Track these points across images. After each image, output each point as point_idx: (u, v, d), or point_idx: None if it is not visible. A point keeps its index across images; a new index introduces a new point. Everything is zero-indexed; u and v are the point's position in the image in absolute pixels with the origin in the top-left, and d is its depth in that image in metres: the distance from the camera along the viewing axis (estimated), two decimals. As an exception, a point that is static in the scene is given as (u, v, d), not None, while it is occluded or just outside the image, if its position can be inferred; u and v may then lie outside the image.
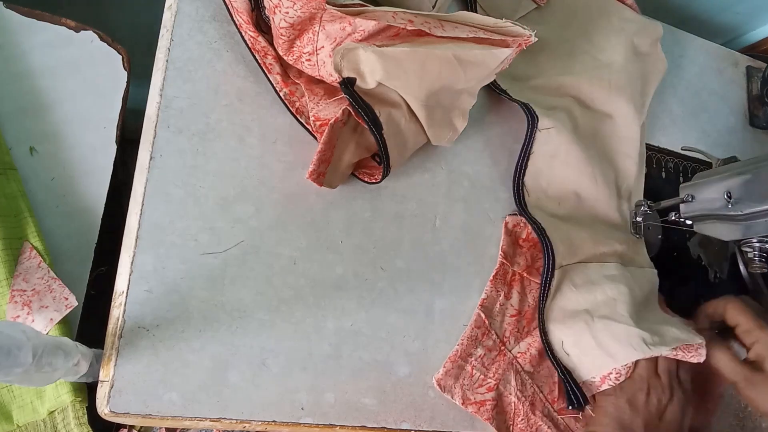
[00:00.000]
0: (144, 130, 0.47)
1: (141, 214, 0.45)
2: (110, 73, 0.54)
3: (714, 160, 0.60)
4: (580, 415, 0.52)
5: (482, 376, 0.50)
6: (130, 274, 0.43)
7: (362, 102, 0.45)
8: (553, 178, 0.58)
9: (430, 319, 0.51)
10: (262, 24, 0.50)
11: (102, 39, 0.54)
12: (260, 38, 0.49)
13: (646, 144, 0.67)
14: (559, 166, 0.57)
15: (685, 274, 0.65)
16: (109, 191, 0.51)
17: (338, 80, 0.45)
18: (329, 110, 0.48)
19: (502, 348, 0.51)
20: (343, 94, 0.45)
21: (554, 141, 0.57)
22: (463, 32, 0.45)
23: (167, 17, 0.49)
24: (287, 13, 0.43)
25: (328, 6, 0.42)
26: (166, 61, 0.48)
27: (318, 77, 0.49)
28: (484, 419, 0.49)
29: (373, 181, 0.51)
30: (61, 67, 0.53)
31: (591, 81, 0.61)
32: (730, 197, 0.51)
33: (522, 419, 0.50)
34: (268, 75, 0.50)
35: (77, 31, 0.54)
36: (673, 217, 0.58)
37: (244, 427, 0.44)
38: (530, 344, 0.52)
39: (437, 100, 0.48)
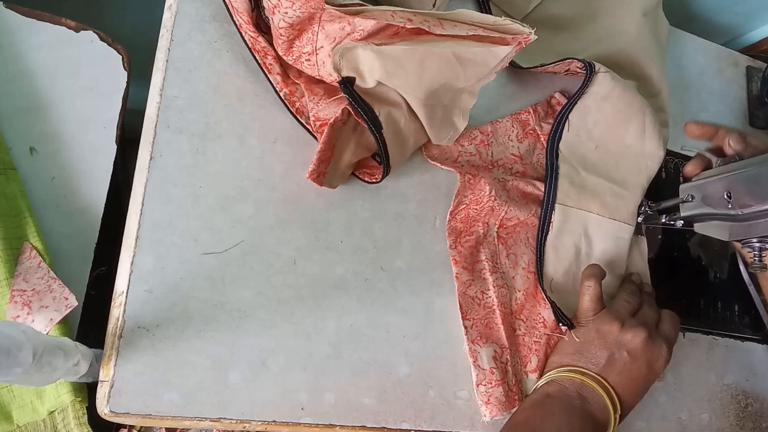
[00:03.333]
0: (144, 130, 0.47)
1: (141, 214, 0.45)
2: (110, 73, 0.54)
3: (714, 160, 0.60)
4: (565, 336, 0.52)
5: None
6: (130, 274, 0.43)
7: (361, 101, 0.45)
8: (600, 119, 0.57)
9: (430, 319, 0.51)
10: (262, 24, 0.50)
11: (102, 39, 0.54)
12: (260, 38, 0.49)
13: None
14: (609, 109, 0.57)
15: (685, 274, 0.65)
16: (109, 191, 0.51)
17: (337, 80, 0.45)
18: (329, 110, 0.48)
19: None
20: (343, 94, 0.45)
21: (608, 84, 0.56)
22: (463, 30, 0.45)
23: (167, 17, 0.49)
24: (286, 13, 0.43)
25: (327, 6, 0.42)
26: (166, 61, 0.48)
27: (318, 77, 0.49)
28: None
29: (374, 180, 0.51)
30: (61, 67, 0.53)
31: (618, 49, 0.61)
32: (730, 197, 0.51)
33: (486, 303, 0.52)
34: (268, 75, 0.50)
35: (77, 31, 0.54)
36: (672, 218, 0.58)
37: (244, 427, 0.44)
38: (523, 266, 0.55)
39: (437, 99, 0.48)
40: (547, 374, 0.50)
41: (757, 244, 0.52)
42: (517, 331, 0.52)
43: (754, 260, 0.53)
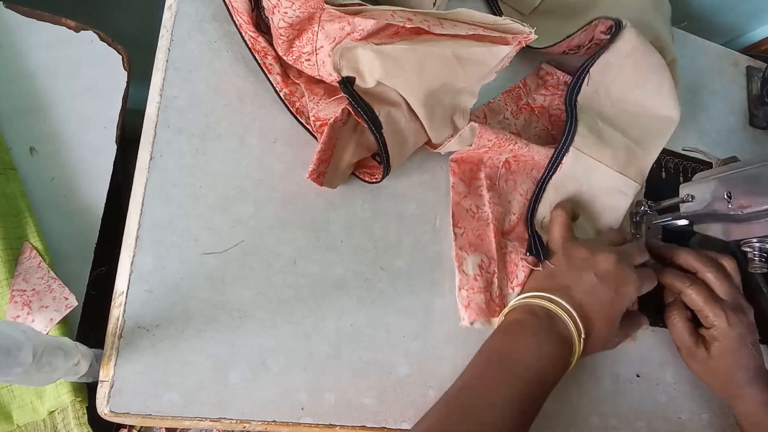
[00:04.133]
0: (144, 130, 0.47)
1: (141, 214, 0.45)
2: (110, 73, 0.54)
3: (714, 160, 0.60)
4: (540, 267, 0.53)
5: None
6: (130, 274, 0.43)
7: (361, 101, 0.45)
8: (619, 77, 0.57)
9: (430, 319, 0.51)
10: (261, 24, 0.50)
11: (102, 39, 0.54)
12: (260, 38, 0.49)
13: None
14: (630, 66, 0.57)
15: (685, 274, 0.65)
16: (109, 191, 0.51)
17: (337, 79, 0.45)
18: (329, 110, 0.48)
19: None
20: (342, 94, 0.45)
21: (634, 41, 0.56)
22: (462, 30, 0.45)
23: (167, 17, 0.49)
24: (286, 13, 0.43)
25: (326, 6, 0.42)
26: (166, 61, 0.48)
27: (318, 77, 0.49)
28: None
29: (374, 180, 0.51)
30: (61, 67, 0.53)
31: (630, 18, 0.60)
32: (730, 197, 0.51)
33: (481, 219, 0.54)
34: (268, 75, 0.50)
35: (77, 31, 0.54)
36: (672, 218, 0.58)
37: (244, 427, 0.44)
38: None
39: (437, 99, 0.48)
40: (516, 300, 0.50)
41: (757, 244, 0.52)
42: (505, 249, 0.53)
43: (754, 260, 0.53)
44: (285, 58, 0.49)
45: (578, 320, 0.46)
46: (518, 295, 0.51)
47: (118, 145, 0.53)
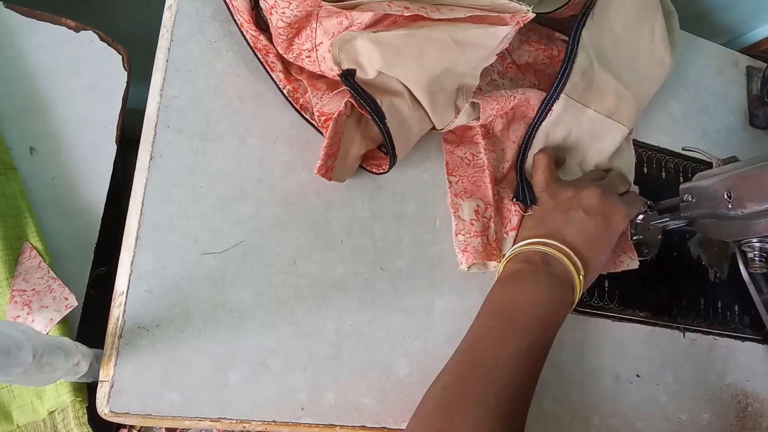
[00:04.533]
0: (144, 130, 0.47)
1: (141, 214, 0.45)
2: (110, 73, 0.54)
3: (714, 160, 0.59)
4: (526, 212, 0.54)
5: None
6: (130, 274, 0.43)
7: (363, 93, 0.45)
8: (620, 14, 0.57)
9: (430, 319, 0.51)
10: (261, 23, 0.50)
11: (102, 39, 0.54)
12: (261, 37, 0.49)
13: (647, 144, 0.67)
14: (630, 3, 0.57)
15: (685, 274, 0.65)
16: (109, 191, 0.51)
17: (338, 73, 0.45)
18: (333, 104, 0.48)
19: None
20: (344, 87, 0.45)
21: None
22: (460, 13, 0.45)
23: (167, 17, 0.49)
24: (284, 13, 0.43)
25: (323, 2, 0.42)
26: (166, 61, 0.48)
27: (319, 72, 0.49)
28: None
29: (381, 171, 0.51)
30: (61, 67, 0.53)
31: None
32: (730, 197, 0.51)
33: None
34: (271, 73, 0.50)
35: (77, 31, 0.54)
36: (672, 218, 0.58)
37: (244, 427, 0.44)
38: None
39: (439, 85, 0.48)
40: (512, 250, 0.50)
41: (757, 244, 0.52)
42: (499, 195, 0.54)
43: (755, 260, 0.53)
44: (285, 56, 0.49)
45: (575, 258, 0.47)
46: (513, 239, 0.52)
47: (118, 145, 0.53)
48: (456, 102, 0.51)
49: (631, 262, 0.57)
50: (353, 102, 0.45)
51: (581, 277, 0.47)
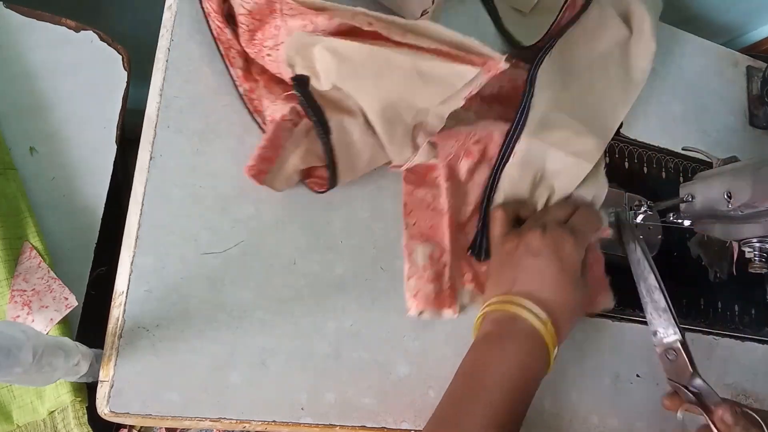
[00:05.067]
0: (144, 130, 0.47)
1: (141, 214, 0.45)
2: (110, 73, 0.54)
3: (714, 160, 0.60)
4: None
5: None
6: (130, 274, 0.43)
7: (312, 102, 0.44)
8: (583, 54, 0.56)
9: (430, 319, 0.51)
10: (231, 19, 0.48)
11: (102, 39, 0.54)
12: (227, 30, 0.47)
13: (647, 144, 0.67)
14: (593, 41, 0.57)
15: (685, 274, 0.65)
16: (109, 191, 0.51)
17: (291, 76, 0.44)
18: (282, 110, 0.46)
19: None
20: (294, 91, 0.43)
21: (596, 19, 0.56)
22: (424, 42, 0.43)
23: (167, 17, 0.49)
24: None
25: None
26: (166, 61, 0.48)
27: (278, 75, 0.47)
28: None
29: (321, 190, 0.48)
30: (61, 67, 0.53)
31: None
32: (730, 197, 0.51)
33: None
34: (230, 68, 0.48)
35: (77, 31, 0.54)
36: (672, 218, 0.58)
37: (244, 427, 0.44)
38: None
39: (397, 114, 0.46)
40: (481, 310, 0.48)
41: (757, 244, 0.52)
42: (459, 242, 0.52)
43: (754, 260, 0.53)
44: (247, 50, 0.47)
45: (537, 308, 0.44)
46: (470, 292, 0.51)
47: (118, 145, 0.53)
48: (416, 139, 0.48)
49: (606, 303, 0.55)
50: (300, 109, 0.44)
51: (549, 324, 0.44)
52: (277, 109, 0.46)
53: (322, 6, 0.42)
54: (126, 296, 0.43)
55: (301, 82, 0.44)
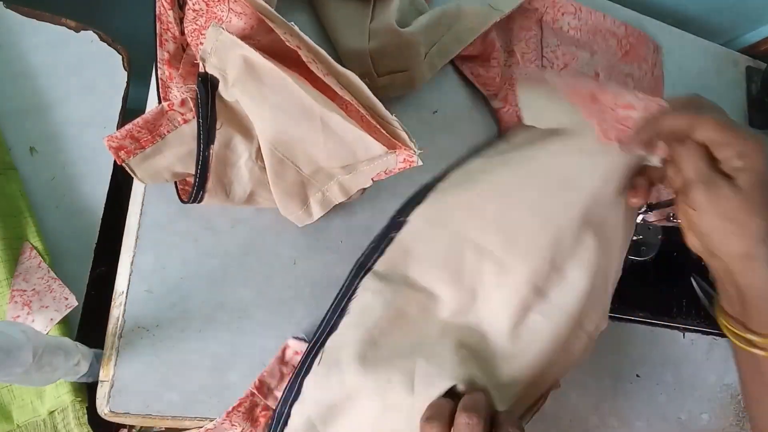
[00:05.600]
0: (144, 130, 0.47)
1: (141, 214, 0.45)
2: (110, 73, 0.54)
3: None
4: None
5: None
6: (130, 274, 0.43)
7: (210, 103, 0.41)
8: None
9: (430, 319, 0.51)
10: (179, 4, 0.45)
11: (102, 39, 0.54)
12: (170, 11, 0.44)
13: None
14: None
15: (685, 274, 0.65)
16: (109, 191, 0.51)
17: (199, 71, 0.41)
18: (177, 101, 0.43)
19: None
20: (193, 84, 0.41)
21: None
22: (346, 95, 0.38)
23: (167, 17, 0.49)
24: None
25: None
26: (166, 61, 0.48)
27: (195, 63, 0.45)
28: None
29: (185, 200, 0.45)
30: (61, 67, 0.53)
31: None
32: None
33: None
34: (158, 49, 0.45)
35: (77, 31, 0.54)
36: (672, 218, 0.58)
37: (244, 427, 0.44)
38: None
39: (290, 156, 0.41)
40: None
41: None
42: None
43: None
44: (187, 31, 0.44)
45: None
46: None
47: (118, 145, 0.53)
48: (309, 196, 0.44)
49: None
50: (192, 103, 0.41)
51: None
52: (176, 96, 0.44)
53: (266, 12, 0.38)
54: (126, 296, 0.43)
55: (206, 81, 0.40)
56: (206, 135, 0.42)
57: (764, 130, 0.75)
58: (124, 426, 0.55)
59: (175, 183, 0.46)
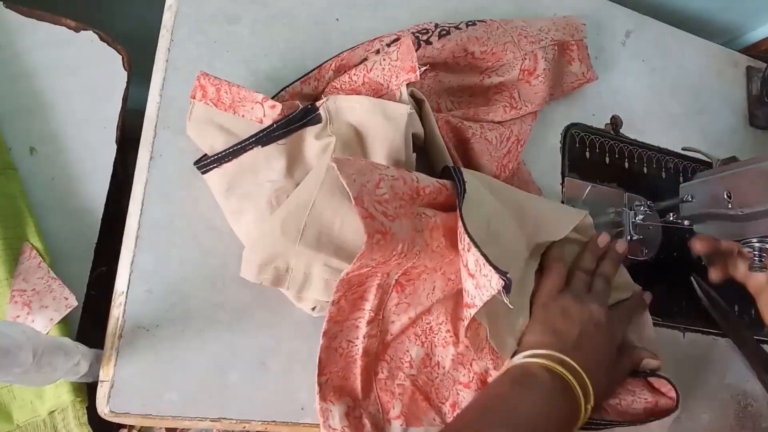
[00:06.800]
0: (144, 130, 0.47)
1: (141, 214, 0.45)
2: (110, 73, 0.54)
3: (714, 160, 0.60)
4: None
5: None
6: (130, 274, 0.43)
7: (294, 126, 0.45)
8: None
9: (430, 319, 0.51)
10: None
11: (102, 39, 0.54)
12: (330, 74, 0.51)
13: (647, 144, 0.67)
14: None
15: (685, 274, 0.65)
16: (109, 191, 0.51)
17: (315, 103, 0.46)
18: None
19: None
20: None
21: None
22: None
23: (167, 17, 0.49)
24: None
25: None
26: (166, 61, 0.48)
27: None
28: None
29: (195, 162, 0.47)
30: (61, 67, 0.53)
31: None
32: (730, 197, 0.51)
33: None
34: (301, 83, 0.50)
35: (77, 31, 0.54)
36: (672, 218, 0.58)
37: (244, 427, 0.44)
38: None
39: (313, 226, 0.42)
40: (523, 354, 0.47)
41: (757, 244, 0.52)
42: (379, 375, 0.47)
43: (754, 260, 0.53)
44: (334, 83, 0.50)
45: (589, 388, 0.45)
46: (400, 426, 0.46)
47: (118, 145, 0.53)
48: (275, 262, 0.43)
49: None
50: (281, 113, 0.44)
51: (588, 406, 0.44)
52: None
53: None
54: (126, 296, 0.43)
55: (309, 111, 0.46)
56: (266, 137, 0.44)
57: (764, 130, 0.75)
58: (124, 426, 0.55)
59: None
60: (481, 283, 0.42)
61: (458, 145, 0.54)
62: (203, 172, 0.46)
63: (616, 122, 0.66)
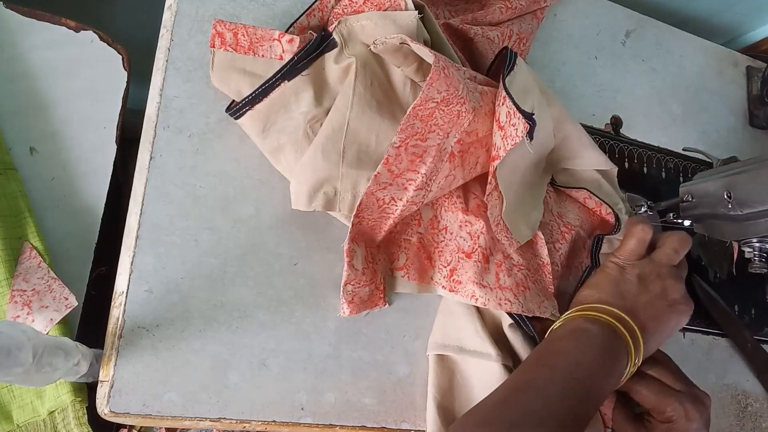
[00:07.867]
0: (144, 130, 0.47)
1: (141, 214, 0.45)
2: (110, 73, 0.54)
3: (714, 160, 0.60)
4: None
5: None
6: (130, 274, 0.43)
7: (313, 54, 0.45)
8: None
9: (430, 319, 0.51)
10: None
11: (102, 39, 0.54)
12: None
13: (647, 144, 0.67)
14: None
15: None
16: (109, 191, 0.51)
17: (329, 28, 0.46)
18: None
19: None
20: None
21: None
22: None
23: (167, 17, 0.49)
24: None
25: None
26: (166, 61, 0.48)
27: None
28: None
29: (227, 108, 0.48)
30: (61, 67, 0.53)
31: None
32: (730, 197, 0.51)
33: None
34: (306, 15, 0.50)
35: (77, 31, 0.54)
36: (672, 218, 0.58)
37: (244, 427, 0.44)
38: None
39: (348, 144, 0.45)
40: (585, 308, 0.47)
41: (757, 244, 0.52)
42: (395, 230, 0.49)
43: (754, 260, 0.53)
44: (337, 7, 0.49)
45: (641, 348, 0.45)
46: (399, 279, 0.49)
47: (118, 145, 0.53)
48: (321, 190, 0.46)
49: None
50: (299, 44, 0.45)
51: (633, 368, 0.45)
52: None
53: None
54: (126, 296, 0.43)
55: (325, 37, 0.46)
56: (290, 71, 0.45)
57: (764, 130, 0.75)
58: (124, 426, 0.56)
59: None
60: (508, 133, 0.45)
61: (463, 47, 0.56)
62: (236, 118, 0.47)
63: (616, 122, 0.66)
